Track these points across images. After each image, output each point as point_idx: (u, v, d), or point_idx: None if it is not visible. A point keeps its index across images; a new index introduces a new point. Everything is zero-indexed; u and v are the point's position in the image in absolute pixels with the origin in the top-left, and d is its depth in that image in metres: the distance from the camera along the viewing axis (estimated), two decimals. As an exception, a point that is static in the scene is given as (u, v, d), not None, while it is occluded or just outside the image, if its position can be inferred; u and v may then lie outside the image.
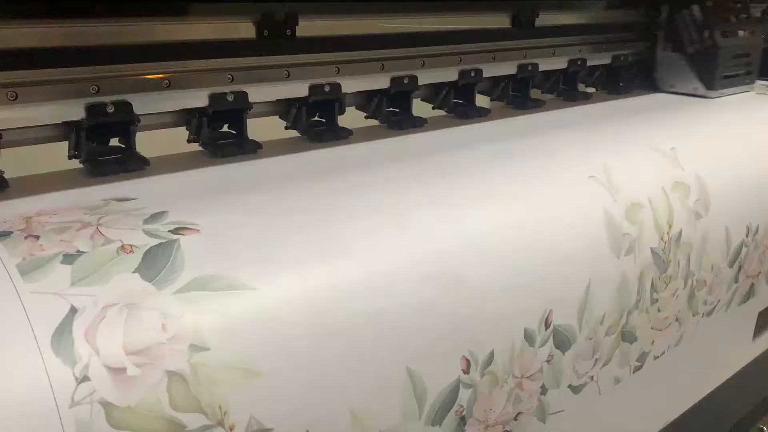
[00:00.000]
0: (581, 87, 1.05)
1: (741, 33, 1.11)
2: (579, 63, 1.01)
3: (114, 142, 0.65)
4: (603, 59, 1.08)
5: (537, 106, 0.95)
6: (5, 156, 0.58)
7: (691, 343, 0.87)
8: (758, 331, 1.03)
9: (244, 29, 0.69)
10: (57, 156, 0.63)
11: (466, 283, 0.58)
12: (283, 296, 0.48)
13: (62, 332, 0.40)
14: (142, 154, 0.63)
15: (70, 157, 0.62)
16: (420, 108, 0.85)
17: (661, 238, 0.76)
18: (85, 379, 0.40)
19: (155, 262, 0.46)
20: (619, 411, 0.79)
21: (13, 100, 0.55)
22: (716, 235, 0.85)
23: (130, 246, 0.46)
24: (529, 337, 0.63)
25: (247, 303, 0.47)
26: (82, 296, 0.42)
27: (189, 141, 0.69)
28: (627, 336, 0.75)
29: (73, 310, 0.41)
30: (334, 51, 0.75)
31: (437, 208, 0.60)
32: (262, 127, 0.72)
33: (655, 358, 0.82)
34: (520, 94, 0.96)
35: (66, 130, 0.61)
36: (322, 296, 0.50)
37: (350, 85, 0.77)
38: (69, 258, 0.44)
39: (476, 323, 0.59)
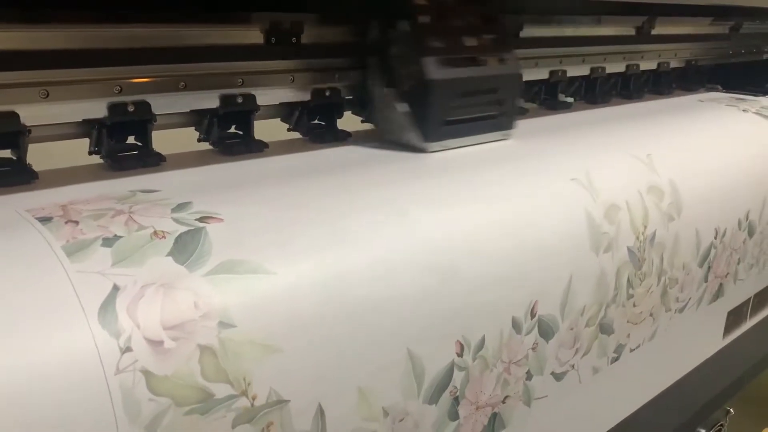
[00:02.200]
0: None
1: (482, 60, 0.80)
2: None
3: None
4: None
5: (521, 114, 1.00)
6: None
7: (664, 338, 0.93)
8: (728, 329, 1.09)
9: (254, 36, 0.73)
10: (71, 152, 0.67)
11: (460, 275, 0.63)
12: (300, 281, 0.53)
13: (107, 308, 0.44)
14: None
15: (90, 153, 0.66)
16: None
17: (637, 238, 0.82)
18: (128, 349, 0.44)
19: (186, 247, 0.50)
20: (597, 399, 0.84)
21: (45, 98, 0.59)
22: (687, 236, 0.91)
23: (162, 232, 0.51)
24: (516, 325, 0.68)
25: (268, 286, 0.51)
26: (123, 276, 0.46)
27: (199, 140, 0.73)
28: (605, 328, 0.81)
29: (116, 288, 0.46)
30: (335, 57, 0.79)
31: (433, 205, 0.65)
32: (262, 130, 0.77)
33: (631, 350, 0.87)
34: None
35: (87, 128, 0.65)
36: (333, 282, 0.55)
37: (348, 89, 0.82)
38: (108, 241, 0.48)
39: (469, 311, 0.64)
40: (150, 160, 0.66)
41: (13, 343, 0.41)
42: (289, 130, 0.81)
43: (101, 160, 0.67)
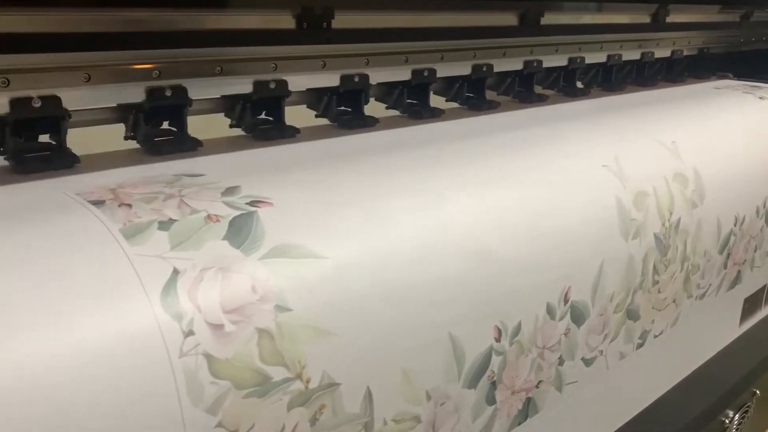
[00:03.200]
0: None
1: None
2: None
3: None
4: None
5: (541, 100, 1.01)
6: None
7: (685, 324, 0.93)
8: (744, 316, 1.10)
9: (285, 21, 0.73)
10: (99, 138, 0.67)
11: (497, 260, 0.64)
12: (348, 264, 0.53)
13: (169, 291, 0.45)
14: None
15: (126, 138, 0.66)
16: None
17: (663, 225, 0.83)
18: (190, 333, 0.44)
19: (240, 231, 0.50)
20: (624, 385, 0.85)
21: (87, 81, 0.59)
22: (709, 223, 0.91)
23: (216, 216, 0.51)
24: (550, 311, 0.69)
25: (320, 270, 0.52)
26: (182, 260, 0.46)
27: (231, 126, 0.73)
28: (632, 314, 0.81)
29: (176, 272, 0.46)
30: (365, 42, 0.79)
31: (467, 189, 0.66)
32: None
33: (655, 336, 0.88)
34: (525, 89, 1.02)
35: (124, 113, 0.65)
36: (378, 265, 0.55)
37: (376, 76, 0.82)
38: (164, 225, 0.48)
39: (506, 296, 0.64)
40: (187, 145, 0.66)
41: (81, 326, 0.41)
42: (317, 116, 0.81)
43: (137, 146, 0.66)
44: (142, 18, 0.63)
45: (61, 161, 0.59)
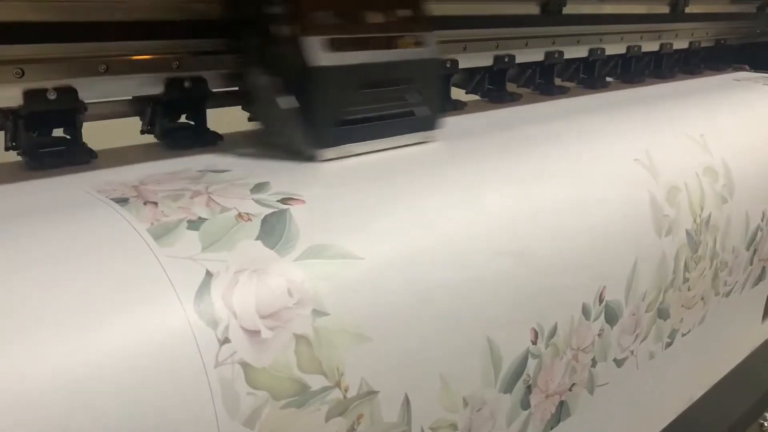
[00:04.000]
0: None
1: (391, 43, 0.61)
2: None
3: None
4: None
5: (562, 92, 0.98)
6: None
7: (712, 322, 0.91)
8: (767, 313, 1.08)
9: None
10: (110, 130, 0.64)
11: (533, 258, 0.61)
12: (385, 265, 0.51)
13: (202, 296, 0.42)
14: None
15: (143, 132, 0.63)
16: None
17: (694, 221, 0.80)
18: (226, 340, 0.41)
19: (273, 230, 0.47)
20: (652, 385, 0.82)
21: (105, 72, 0.56)
22: (738, 219, 0.89)
23: (247, 214, 0.48)
24: (585, 312, 0.66)
25: (357, 271, 0.49)
26: (215, 261, 0.44)
27: (250, 120, 0.70)
28: (662, 313, 0.79)
29: (209, 275, 0.43)
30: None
31: (505, 186, 0.63)
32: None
33: (683, 335, 0.85)
34: (546, 81, 0.99)
35: (141, 105, 0.62)
36: (416, 267, 0.52)
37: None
38: (193, 224, 0.45)
39: (542, 297, 0.62)
40: (207, 139, 0.63)
41: (111, 333, 0.38)
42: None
43: (153, 140, 0.63)
44: (162, 6, 0.59)
45: (77, 156, 0.56)
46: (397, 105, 0.62)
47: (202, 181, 0.52)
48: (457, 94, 0.89)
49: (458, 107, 0.85)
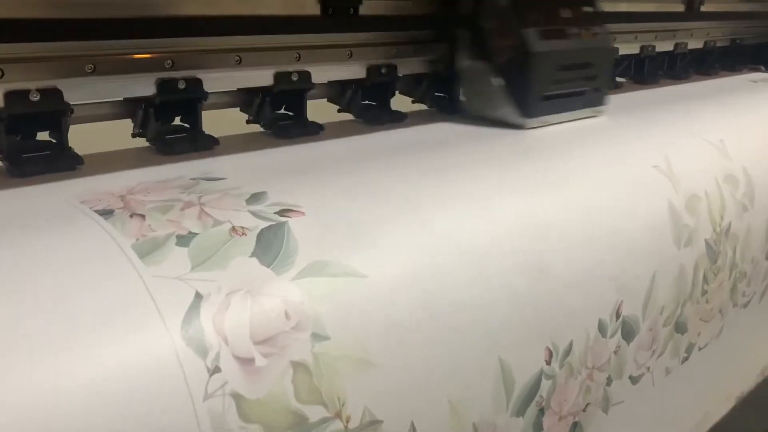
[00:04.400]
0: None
1: (579, 33, 0.75)
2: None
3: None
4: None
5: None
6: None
7: (728, 334, 0.87)
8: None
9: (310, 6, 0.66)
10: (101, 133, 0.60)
11: (550, 273, 0.57)
12: (392, 284, 0.47)
13: (191, 320, 0.38)
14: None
15: (134, 136, 0.60)
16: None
17: (714, 230, 0.76)
18: (216, 370, 0.38)
19: (270, 246, 0.43)
20: (668, 402, 0.79)
21: (91, 72, 0.52)
22: (758, 227, 0.85)
23: (242, 228, 0.44)
24: (602, 328, 0.63)
25: (360, 290, 0.45)
26: (205, 282, 0.40)
27: (248, 122, 0.67)
28: (680, 327, 0.75)
29: (199, 297, 0.39)
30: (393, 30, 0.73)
31: (518, 193, 0.59)
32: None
33: (700, 349, 0.82)
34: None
35: (132, 107, 0.58)
36: (425, 285, 0.49)
37: (404, 67, 0.75)
38: (183, 240, 0.42)
39: (559, 314, 0.58)
40: (202, 143, 0.60)
41: (89, 361, 0.35)
42: (339, 111, 0.74)
43: (146, 144, 0.60)
44: (153, 3, 0.56)
45: (62, 162, 0.53)
46: (581, 84, 0.77)
47: (194, 191, 0.48)
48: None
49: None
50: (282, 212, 0.47)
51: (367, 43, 0.70)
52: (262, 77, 0.63)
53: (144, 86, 0.57)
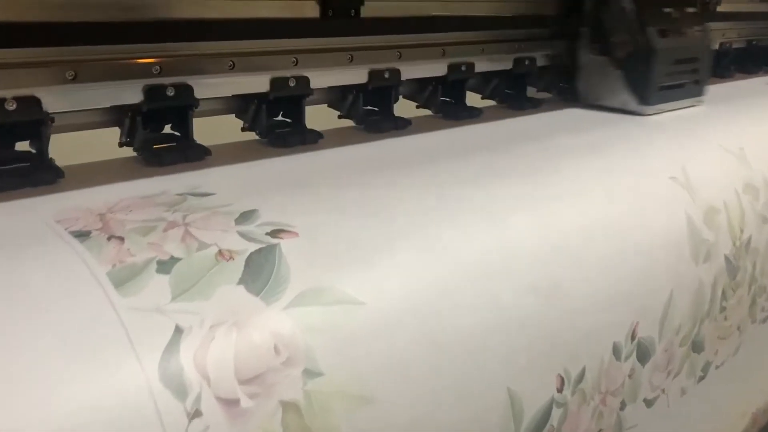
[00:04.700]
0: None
1: (686, 32, 0.86)
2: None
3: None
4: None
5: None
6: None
7: (745, 352, 0.83)
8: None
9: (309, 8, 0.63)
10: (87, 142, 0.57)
11: (564, 294, 0.53)
12: (393, 311, 0.43)
13: (169, 358, 0.35)
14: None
15: (121, 145, 0.56)
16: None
17: (734, 244, 0.73)
18: (197, 414, 0.34)
19: (259, 272, 0.40)
20: (683, 423, 0.75)
21: (72, 79, 0.49)
22: (779, 239, 0.81)
23: (229, 252, 0.41)
24: (616, 351, 0.59)
25: (358, 319, 0.42)
26: (187, 314, 0.36)
27: (244, 129, 0.63)
28: (696, 346, 0.71)
29: (179, 331, 0.35)
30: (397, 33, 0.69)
31: (531, 208, 0.55)
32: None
33: (716, 367, 0.78)
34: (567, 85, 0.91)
35: (118, 115, 0.55)
36: (431, 311, 0.45)
37: (408, 71, 0.72)
38: (164, 266, 0.38)
39: (572, 338, 0.54)
40: (193, 154, 0.56)
41: (53, 403, 0.31)
42: (340, 117, 0.71)
43: (134, 154, 0.56)
44: (139, 4, 0.52)
45: (41, 175, 0.49)
46: (688, 77, 0.87)
47: (180, 209, 0.45)
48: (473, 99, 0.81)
49: (474, 115, 0.77)
50: (274, 233, 0.43)
51: (369, 46, 0.66)
52: (257, 83, 0.60)
53: (130, 94, 0.53)
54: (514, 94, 0.85)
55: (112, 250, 0.39)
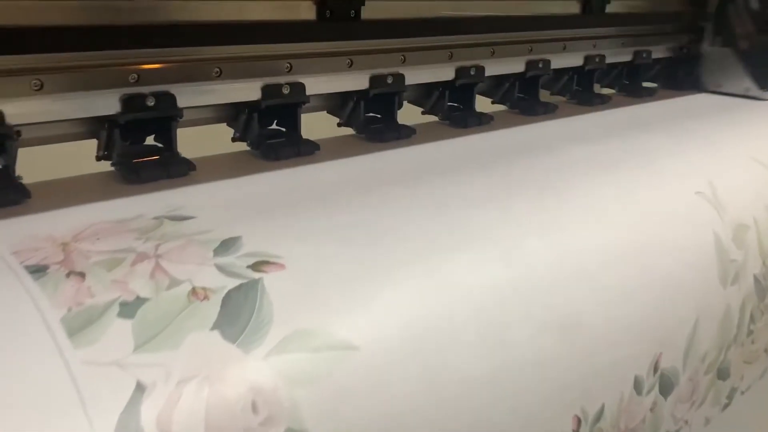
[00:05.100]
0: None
1: None
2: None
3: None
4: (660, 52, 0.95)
5: (603, 102, 0.85)
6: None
7: (773, 373, 0.78)
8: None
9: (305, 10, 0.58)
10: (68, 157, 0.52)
11: (583, 327, 0.48)
12: (391, 357, 0.38)
13: (128, 421, 0.30)
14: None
15: (98, 159, 0.52)
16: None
17: (764, 263, 0.67)
18: (159, 487, 0.29)
19: (237, 313, 0.35)
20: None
21: (38, 89, 0.44)
22: (809, 256, 0.76)
23: (204, 290, 0.36)
24: (637, 386, 0.54)
25: (350, 368, 0.37)
26: (151, 367, 0.32)
27: (234, 140, 0.58)
28: (722, 373, 0.66)
29: (141, 389, 0.31)
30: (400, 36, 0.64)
31: (547, 231, 0.50)
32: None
33: (742, 393, 0.73)
34: (583, 89, 0.86)
35: (95, 126, 0.50)
36: (434, 356, 0.40)
37: (413, 76, 0.67)
38: (128, 309, 0.34)
39: (590, 374, 0.49)
40: (175, 169, 0.51)
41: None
42: (339, 125, 0.66)
43: (112, 168, 0.52)
44: (113, 6, 0.47)
45: (5, 196, 0.44)
46: None
47: (153, 236, 0.40)
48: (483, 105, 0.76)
49: (483, 121, 0.72)
50: (257, 266, 0.38)
51: (369, 50, 0.61)
52: (247, 90, 0.55)
53: (104, 104, 0.48)
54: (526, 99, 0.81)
55: (70, 289, 0.34)
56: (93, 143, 0.52)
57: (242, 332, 0.34)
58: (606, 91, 0.92)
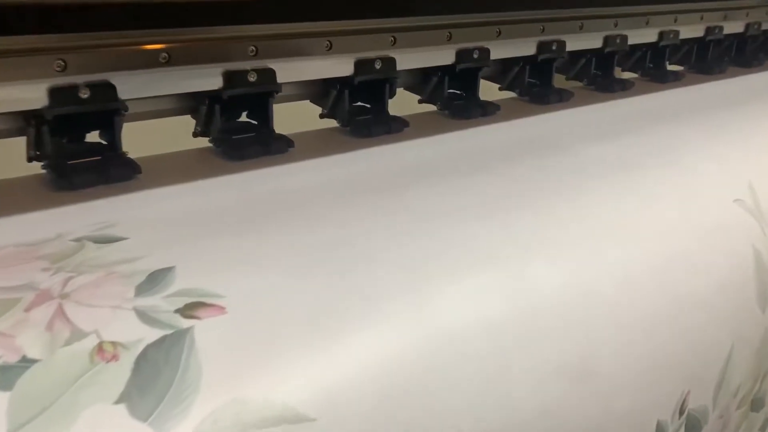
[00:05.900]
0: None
1: None
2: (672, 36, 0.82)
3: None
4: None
5: (625, 88, 0.76)
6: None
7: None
8: None
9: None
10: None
11: (598, 370, 0.40)
12: (358, 428, 0.30)
13: None
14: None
15: (29, 160, 0.44)
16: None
17: (805, 279, 0.58)
18: None
19: (154, 379, 0.27)
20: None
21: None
22: None
23: (113, 346, 0.28)
24: (661, 431, 0.46)
25: (301, 446, 0.28)
26: (26, 461, 0.24)
27: (195, 135, 0.50)
28: (756, 404, 0.58)
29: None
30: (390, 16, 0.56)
31: (557, 252, 0.42)
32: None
33: (776, 422, 0.65)
34: (603, 74, 0.77)
35: (23, 123, 0.42)
36: (418, 423, 0.32)
37: (406, 60, 0.58)
38: (8, 374, 0.26)
39: (605, 423, 0.41)
40: (117, 172, 0.43)
41: None
42: (322, 116, 0.57)
43: (43, 171, 0.44)
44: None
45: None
46: None
47: (66, 265, 0.32)
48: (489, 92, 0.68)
49: (488, 112, 0.64)
50: (188, 309, 0.30)
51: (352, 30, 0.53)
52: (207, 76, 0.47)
53: (31, 96, 0.40)
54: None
55: (-68, 348, 0.26)
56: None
57: (157, 406, 0.26)
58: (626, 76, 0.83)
